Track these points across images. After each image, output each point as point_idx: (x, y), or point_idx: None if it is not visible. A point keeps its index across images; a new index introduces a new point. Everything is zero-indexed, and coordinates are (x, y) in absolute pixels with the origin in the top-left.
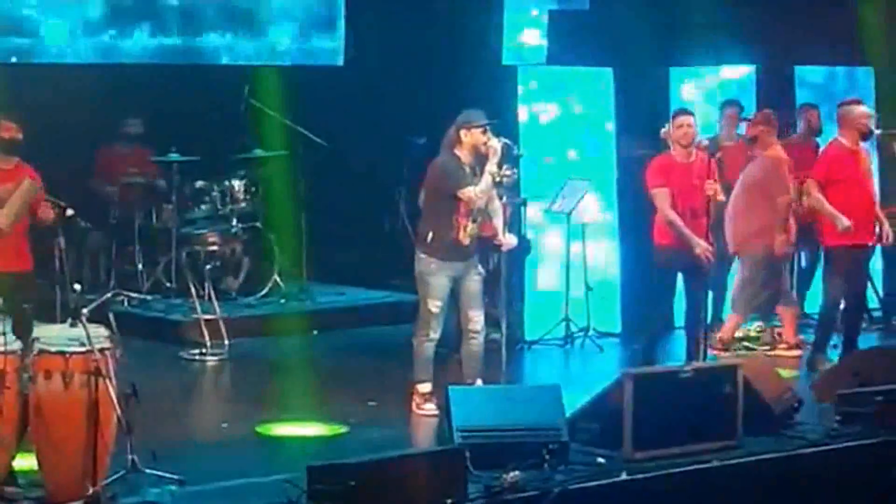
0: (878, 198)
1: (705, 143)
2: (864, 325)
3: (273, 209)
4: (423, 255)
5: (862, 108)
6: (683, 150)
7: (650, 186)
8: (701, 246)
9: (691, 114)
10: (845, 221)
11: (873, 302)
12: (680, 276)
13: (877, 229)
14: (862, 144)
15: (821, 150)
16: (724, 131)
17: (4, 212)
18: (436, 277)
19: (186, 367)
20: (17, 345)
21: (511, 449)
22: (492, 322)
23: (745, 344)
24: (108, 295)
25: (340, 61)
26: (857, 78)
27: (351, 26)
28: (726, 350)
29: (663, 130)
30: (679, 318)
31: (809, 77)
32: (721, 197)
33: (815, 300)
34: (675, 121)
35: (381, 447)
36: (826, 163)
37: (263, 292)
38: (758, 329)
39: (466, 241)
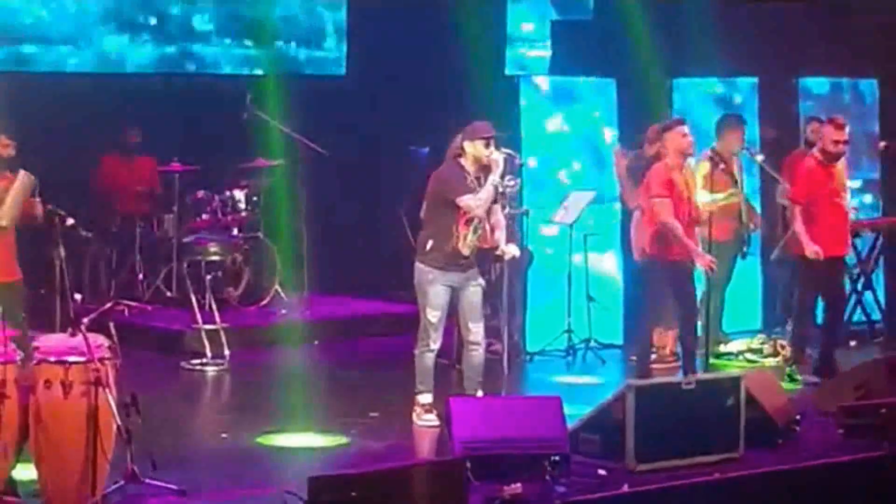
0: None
1: (710, 152)
2: (866, 337)
3: (274, 219)
4: (421, 265)
5: (831, 130)
6: (681, 161)
7: (653, 195)
8: (705, 258)
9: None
10: (815, 247)
11: (876, 314)
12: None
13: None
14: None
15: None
16: (735, 146)
17: (5, 207)
18: (434, 287)
19: (187, 377)
20: (17, 354)
21: (512, 460)
22: (493, 333)
23: (748, 356)
24: (109, 304)
25: (342, 71)
26: (861, 89)
27: (353, 36)
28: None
29: (658, 145)
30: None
31: (813, 89)
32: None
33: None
34: (678, 130)
35: (382, 458)
36: (802, 180)
37: (264, 302)
38: (760, 341)
39: (466, 252)
